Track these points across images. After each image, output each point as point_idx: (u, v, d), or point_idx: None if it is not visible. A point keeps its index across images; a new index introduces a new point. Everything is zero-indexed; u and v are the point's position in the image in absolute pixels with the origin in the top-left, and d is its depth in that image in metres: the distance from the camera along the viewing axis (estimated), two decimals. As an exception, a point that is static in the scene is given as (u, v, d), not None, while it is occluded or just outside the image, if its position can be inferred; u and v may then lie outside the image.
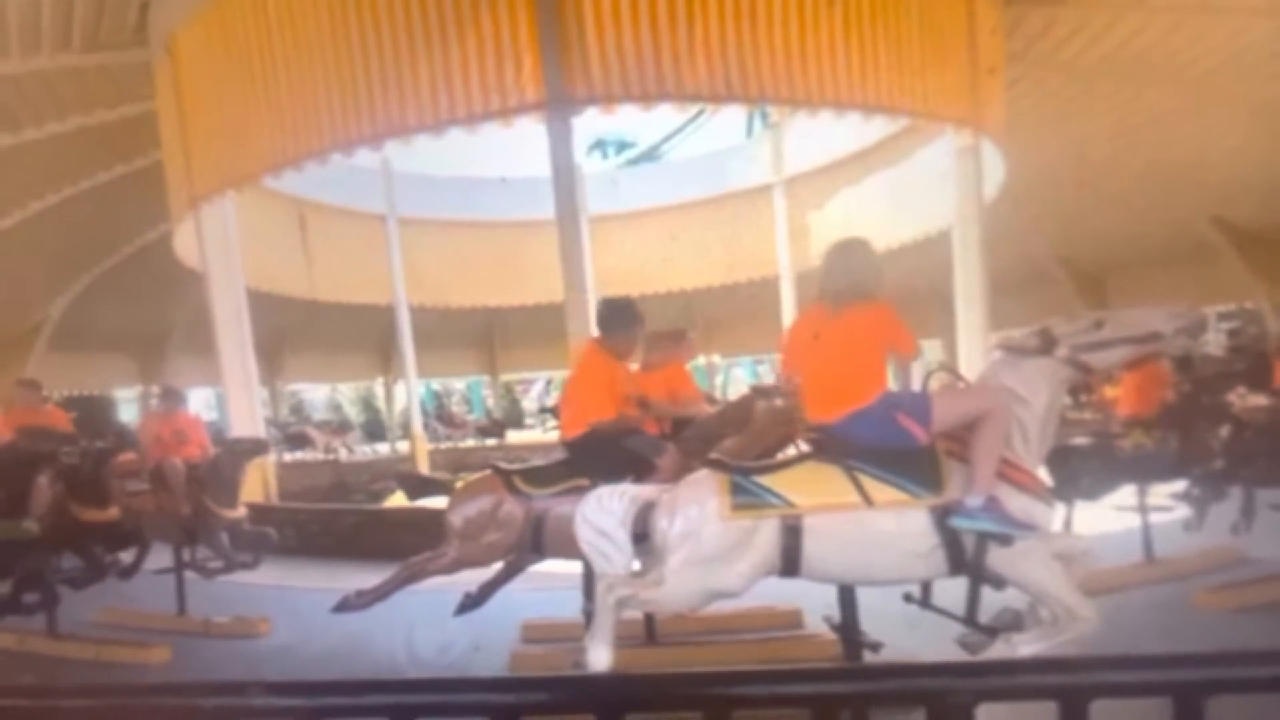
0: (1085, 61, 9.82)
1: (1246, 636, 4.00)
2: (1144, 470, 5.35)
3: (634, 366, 5.25)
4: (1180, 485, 5.53)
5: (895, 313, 3.09)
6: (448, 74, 7.43)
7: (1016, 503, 2.84)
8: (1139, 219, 13.69)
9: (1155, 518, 5.45)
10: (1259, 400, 5.62)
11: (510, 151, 12.91)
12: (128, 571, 5.59)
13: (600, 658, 2.83)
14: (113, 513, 5.28)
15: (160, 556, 5.80)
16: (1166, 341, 2.99)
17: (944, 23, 8.26)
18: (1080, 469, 5.21)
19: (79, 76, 9.48)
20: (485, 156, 14.21)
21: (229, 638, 5.45)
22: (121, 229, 13.28)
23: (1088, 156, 12.37)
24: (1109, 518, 5.71)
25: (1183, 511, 5.51)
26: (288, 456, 17.39)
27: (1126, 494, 5.47)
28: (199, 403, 19.94)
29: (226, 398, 10.32)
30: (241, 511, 5.84)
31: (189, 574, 5.79)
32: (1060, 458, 5.04)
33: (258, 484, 9.50)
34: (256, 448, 6.40)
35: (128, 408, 18.43)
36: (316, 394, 27.47)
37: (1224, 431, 5.34)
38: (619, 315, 4.17)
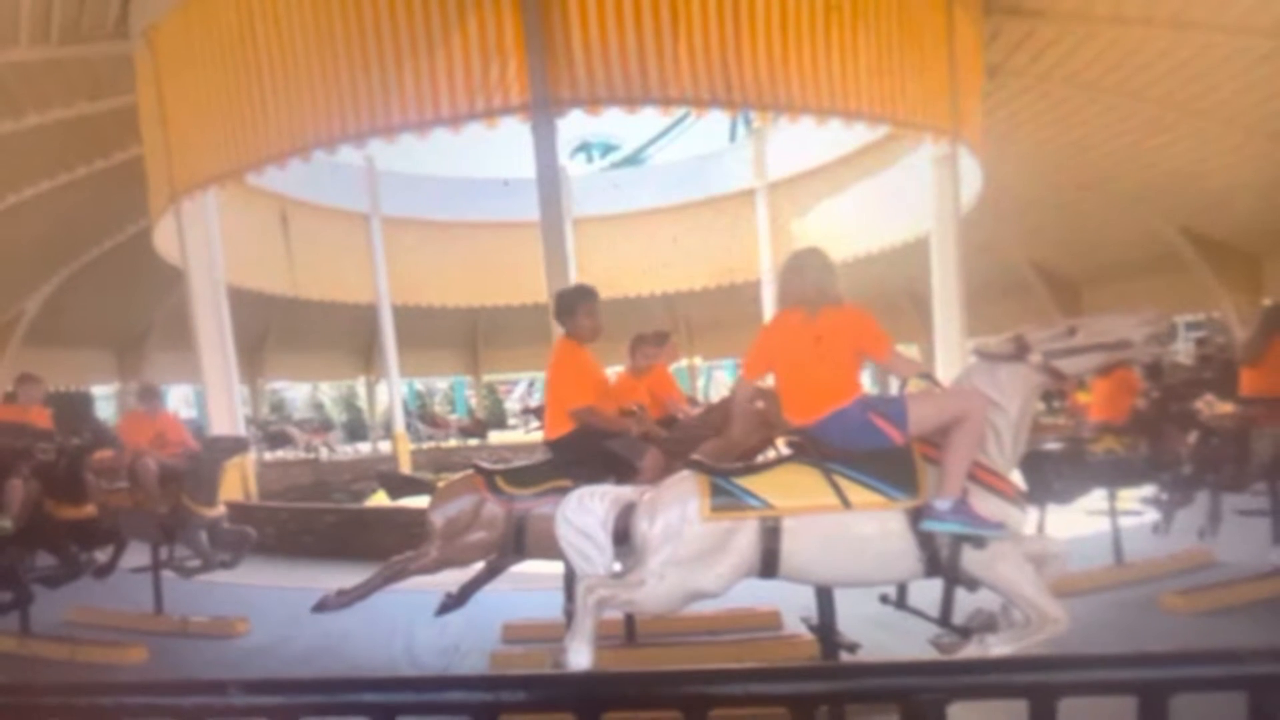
0: (1061, 73, 9.95)
1: (1211, 638, 4.10)
2: (1114, 475, 5.45)
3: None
4: (1149, 490, 5.66)
5: (870, 316, 3.14)
6: (433, 73, 7.42)
7: (990, 506, 2.87)
8: (1111, 228, 13.92)
9: (1125, 521, 5.55)
10: (1225, 408, 5.74)
11: (495, 153, 12.90)
12: (103, 570, 5.54)
13: (580, 658, 2.83)
14: (89, 510, 5.23)
15: (137, 555, 5.74)
16: (1137, 348, 3.03)
17: (924, 33, 8.36)
18: (1053, 473, 5.29)
19: (58, 68, 9.36)
20: (470, 156, 14.18)
21: (207, 637, 5.38)
22: (101, 223, 13.11)
23: (1062, 166, 12.56)
24: (1080, 521, 5.82)
25: (1151, 516, 5.65)
26: (268, 455, 17.28)
27: (1097, 498, 5.56)
28: (178, 400, 19.83)
29: (206, 395, 10.25)
30: (221, 510, 5.77)
31: (166, 573, 5.72)
32: (1033, 462, 5.14)
33: (237, 483, 9.45)
34: (236, 446, 6.36)
35: (105, 404, 18.23)
36: (297, 392, 27.34)
37: (1192, 438, 5.46)
38: (570, 298, 4.17)
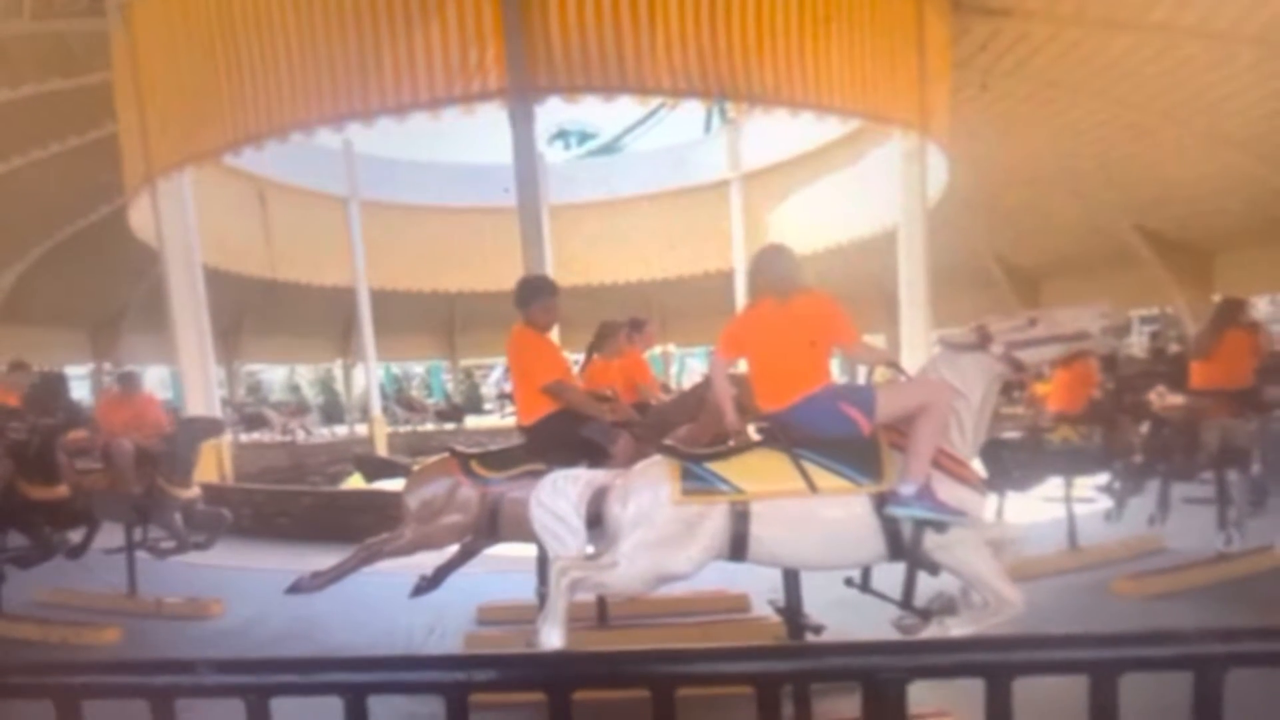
0: (1026, 72, 10.13)
1: (1159, 620, 4.24)
2: (1070, 463, 5.61)
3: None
4: (1103, 478, 5.82)
5: (838, 304, 3.20)
6: (411, 58, 7.41)
7: (952, 491, 2.94)
8: (1071, 224, 14.27)
9: (1079, 508, 5.70)
10: (1176, 399, 5.92)
11: (473, 138, 12.85)
12: (76, 551, 5.47)
13: (553, 639, 2.85)
14: (61, 490, 5.18)
15: (111, 536, 5.70)
16: (1094, 340, 3.11)
17: (895, 30, 8.51)
18: (1011, 461, 5.44)
19: (31, 43, 9.21)
20: (448, 142, 14.14)
21: (181, 619, 5.38)
22: (75, 202, 12.93)
23: (1026, 163, 12.82)
24: (1037, 508, 5.99)
25: (1104, 503, 5.80)
26: (244, 437, 17.16)
27: (1053, 486, 5.72)
28: (153, 381, 19.57)
29: (182, 376, 10.16)
30: (196, 491, 5.77)
31: (141, 554, 5.71)
32: (993, 450, 5.30)
33: (213, 464, 9.41)
34: (212, 428, 6.34)
35: (79, 384, 17.99)
36: (274, 375, 27.10)
37: (1144, 428, 5.64)
38: (531, 288, 4.22)
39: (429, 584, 4.40)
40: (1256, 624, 1.29)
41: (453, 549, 4.34)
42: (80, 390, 17.39)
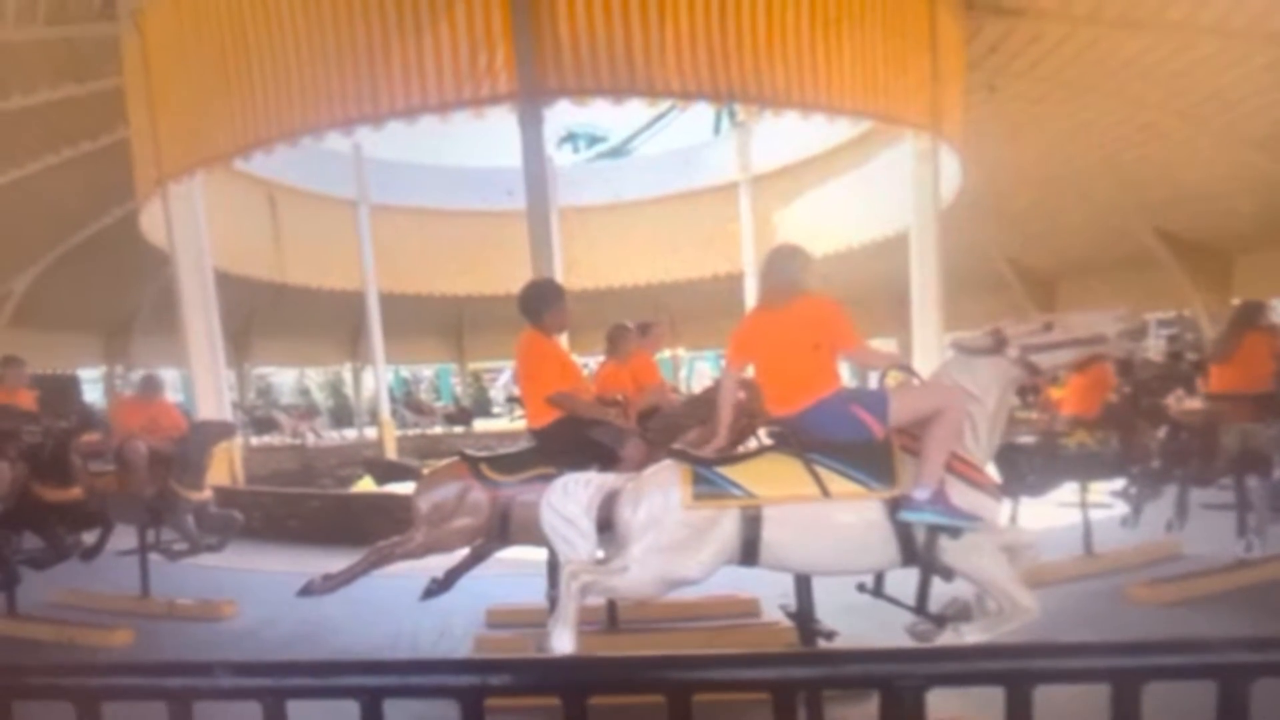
0: (1039, 72, 10.08)
1: (1175, 628, 4.20)
2: (1086, 468, 5.56)
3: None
4: (1119, 483, 5.78)
5: (839, 307, 3.18)
6: (420, 61, 7.42)
7: (966, 496, 2.92)
8: (1086, 226, 14.16)
9: (1095, 514, 5.66)
10: (1194, 404, 5.86)
11: (482, 142, 12.86)
12: (90, 553, 5.55)
13: (564, 642, 2.87)
14: (76, 493, 5.24)
15: (124, 538, 5.74)
16: (1111, 344, 3.09)
17: (907, 30, 8.46)
18: (1026, 466, 5.40)
19: (45, 49, 9.30)
20: (457, 145, 14.17)
21: (193, 620, 5.41)
22: (87, 206, 13.03)
23: (1040, 164, 12.73)
24: (1051, 513, 5.94)
25: (1121, 508, 5.75)
26: (255, 440, 17.24)
27: (1068, 491, 5.68)
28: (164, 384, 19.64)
29: (193, 380, 10.21)
30: (208, 494, 5.81)
31: (153, 556, 5.74)
32: (1008, 455, 5.24)
33: (224, 467, 9.45)
34: (223, 431, 6.38)
35: (92, 387, 18.12)
36: (284, 378, 27.22)
37: (1161, 433, 5.57)
38: (540, 294, 4.21)
39: (439, 587, 4.41)
40: (1277, 632, 1.26)
41: (463, 552, 4.35)
42: (93, 393, 17.55)
